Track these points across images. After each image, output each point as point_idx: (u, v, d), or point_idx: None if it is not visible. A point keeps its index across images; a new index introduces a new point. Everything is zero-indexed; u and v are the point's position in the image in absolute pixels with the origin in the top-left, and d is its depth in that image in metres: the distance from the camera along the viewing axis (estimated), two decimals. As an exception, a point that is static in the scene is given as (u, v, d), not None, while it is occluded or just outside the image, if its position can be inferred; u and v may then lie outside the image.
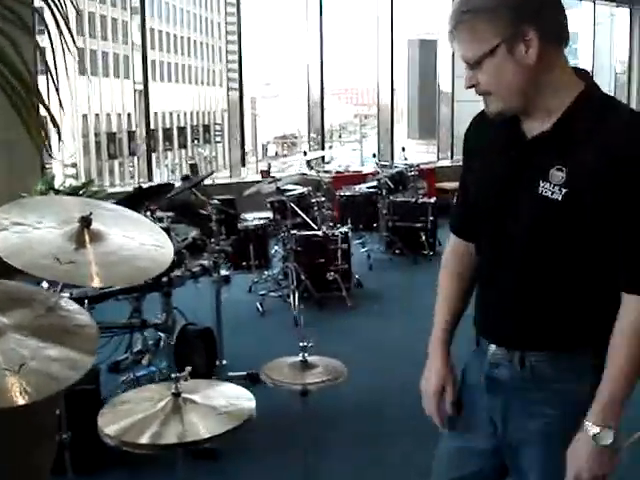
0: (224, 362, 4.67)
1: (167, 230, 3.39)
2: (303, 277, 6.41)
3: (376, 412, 4.30)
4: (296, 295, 6.20)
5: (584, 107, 1.66)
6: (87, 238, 1.97)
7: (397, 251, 8.22)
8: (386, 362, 5.10)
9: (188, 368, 1.91)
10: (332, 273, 6.50)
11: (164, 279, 3.47)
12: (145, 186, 3.84)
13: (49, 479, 2.58)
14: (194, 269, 3.81)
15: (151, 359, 4.21)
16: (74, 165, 13.27)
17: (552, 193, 1.64)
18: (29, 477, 1.93)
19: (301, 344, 2.23)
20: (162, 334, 3.72)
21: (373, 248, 8.29)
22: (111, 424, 1.75)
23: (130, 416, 1.77)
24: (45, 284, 2.94)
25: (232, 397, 1.90)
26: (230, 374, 4.69)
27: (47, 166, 11.21)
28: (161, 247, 2.03)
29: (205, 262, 3.97)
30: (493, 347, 1.83)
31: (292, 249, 6.45)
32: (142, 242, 2.04)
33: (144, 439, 1.67)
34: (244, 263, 6.24)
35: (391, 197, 8.34)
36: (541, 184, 1.66)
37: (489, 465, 1.93)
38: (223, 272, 4.51)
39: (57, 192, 7.21)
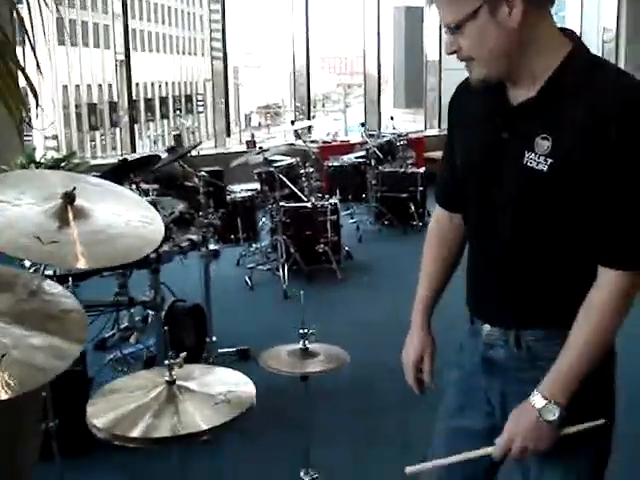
0: (214, 339, 4.56)
1: (154, 204, 3.25)
2: (292, 250, 6.29)
3: (369, 386, 4.22)
4: (285, 268, 6.09)
5: (572, 68, 1.57)
6: (71, 215, 1.84)
7: (386, 222, 8.11)
8: (377, 335, 5.01)
9: (183, 354, 1.79)
10: (322, 245, 6.38)
11: (152, 255, 3.33)
12: (130, 158, 3.69)
13: (36, 467, 2.49)
14: (183, 244, 3.68)
15: (139, 337, 4.10)
16: (55, 137, 13.03)
17: (537, 164, 1.58)
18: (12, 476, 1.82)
19: (301, 331, 2.11)
20: (150, 312, 3.60)
21: (362, 219, 8.18)
22: (101, 415, 1.63)
23: (121, 406, 1.65)
24: (27, 263, 2.81)
25: (230, 383, 1.78)
26: (220, 351, 4.60)
27: (27, 138, 11.00)
28: (149, 223, 1.90)
29: (194, 237, 3.84)
30: (487, 327, 1.77)
31: (280, 221, 6.32)
32: (129, 219, 1.91)
33: (136, 432, 1.55)
34: (232, 236, 6.11)
35: (380, 167, 8.20)
36: (526, 154, 1.59)
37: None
38: (212, 246, 4.39)
39: (38, 165, 7.01)
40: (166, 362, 1.71)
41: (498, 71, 1.60)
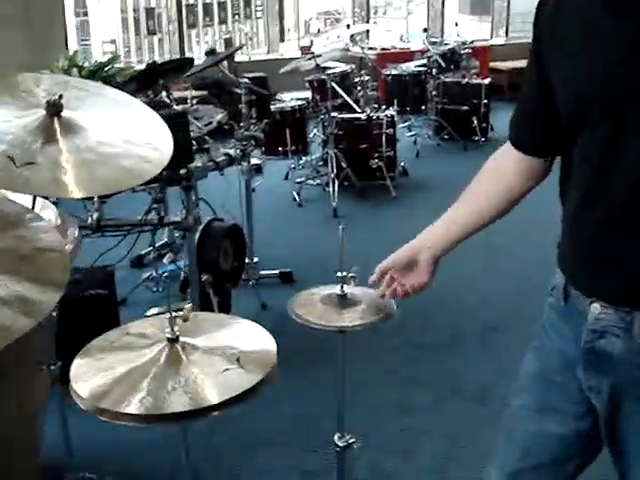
0: (255, 260, 4.28)
1: (183, 114, 2.90)
2: (344, 164, 5.90)
3: (419, 322, 3.87)
4: (336, 184, 5.72)
5: None
6: (57, 130, 1.50)
7: (446, 136, 7.61)
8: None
9: (188, 305, 1.46)
10: (376, 160, 5.98)
11: (182, 171, 3.00)
12: (160, 61, 3.31)
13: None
14: (219, 159, 3.33)
15: (174, 257, 3.81)
16: (113, 42, 12.74)
17: None
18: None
19: (339, 274, 1.75)
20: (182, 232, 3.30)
21: (420, 133, 7.69)
22: (85, 380, 1.33)
23: (111, 369, 1.35)
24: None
25: (246, 341, 1.45)
26: (262, 273, 4.31)
27: (85, 42, 10.73)
28: (154, 144, 1.55)
29: (231, 151, 3.49)
30: (597, 307, 1.33)
31: (332, 133, 5.91)
32: (131, 137, 1.56)
33: (129, 407, 1.25)
34: (280, 148, 5.72)
35: (441, 77, 7.65)
36: None
37: (570, 453, 1.52)
38: (254, 161, 4.03)
39: (80, 69, 6.68)
40: (168, 313, 1.39)
41: None
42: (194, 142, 3.15)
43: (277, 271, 4.34)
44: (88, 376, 1.36)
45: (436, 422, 3.01)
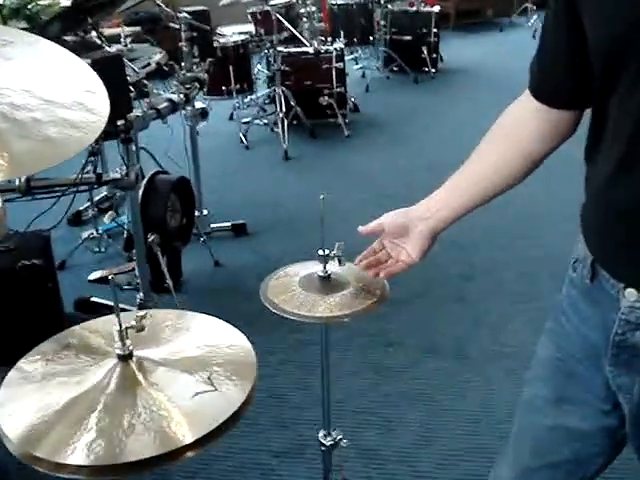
0: (205, 212, 3.95)
1: (118, 57, 2.52)
2: (292, 103, 5.54)
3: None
4: (285, 123, 5.37)
5: None
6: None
7: (395, 68, 7.26)
8: (390, 201, 4.38)
9: (142, 314, 1.14)
10: (326, 97, 5.63)
11: (120, 123, 2.64)
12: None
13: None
14: (160, 106, 2.97)
15: (115, 215, 3.47)
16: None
17: None
18: None
19: (321, 252, 1.45)
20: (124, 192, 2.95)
21: (369, 65, 7.34)
22: (12, 416, 1.02)
23: (47, 400, 1.04)
24: None
25: (216, 347, 1.16)
26: (213, 226, 4.00)
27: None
28: (85, 102, 1.21)
29: (174, 96, 3.12)
30: (633, 294, 1.08)
31: (279, 69, 5.52)
32: (55, 95, 1.22)
33: (73, 455, 0.95)
34: (223, 87, 5.32)
35: (389, 6, 7.27)
36: None
37: (591, 452, 1.30)
38: (198, 104, 3.66)
39: (1, 8, 6.07)
40: (119, 323, 1.08)
41: None
42: (131, 88, 2.78)
43: (229, 223, 4.03)
44: (17, 412, 1.05)
45: (414, 385, 2.79)
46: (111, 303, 3.11)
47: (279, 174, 5.00)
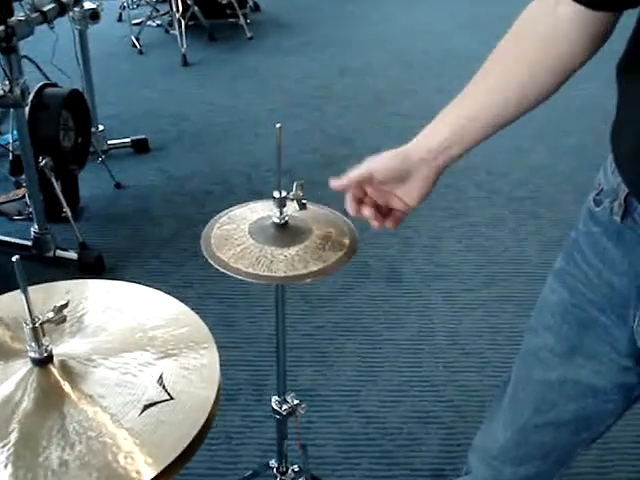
0: (100, 128, 3.54)
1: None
2: (189, 1, 5.06)
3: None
4: (182, 24, 4.91)
5: None
6: None
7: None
8: (303, 110, 4.08)
9: (63, 304, 0.85)
10: (225, -4, 5.18)
11: (0, 29, 2.22)
12: None
13: None
14: (46, 8, 2.53)
15: (-1, 132, 3.04)
16: None
17: None
18: None
19: (277, 194, 1.15)
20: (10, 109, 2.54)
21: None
22: None
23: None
24: None
25: (160, 333, 0.88)
26: (111, 142, 3.60)
27: None
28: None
29: (61, -5, 2.67)
30: None
31: (171, -36, 5.00)
32: None
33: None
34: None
35: None
36: None
37: (603, 410, 1.14)
38: (87, 5, 3.20)
39: None
40: (32, 319, 0.79)
41: None
42: (9, -14, 2.34)
43: (128, 139, 3.64)
44: None
45: (348, 314, 2.59)
46: (0, 237, 2.74)
47: (179, 81, 4.58)
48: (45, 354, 0.82)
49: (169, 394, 0.82)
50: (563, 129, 3.90)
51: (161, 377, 0.84)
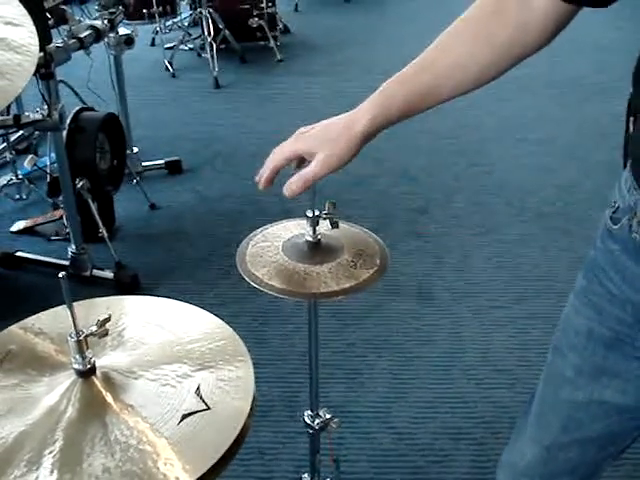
0: (135, 150, 3.62)
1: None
2: (220, 25, 5.15)
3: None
4: (213, 48, 5.00)
5: None
6: None
7: (324, -15, 6.90)
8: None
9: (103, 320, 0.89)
10: (256, 18, 5.26)
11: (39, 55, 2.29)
12: None
13: None
14: (82, 34, 2.61)
15: (36, 159, 3.13)
16: None
17: None
18: None
19: (310, 214, 1.20)
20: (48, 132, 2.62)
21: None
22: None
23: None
24: None
25: (198, 349, 0.92)
26: (145, 164, 3.68)
27: None
28: (9, 37, 0.93)
29: (97, 22, 2.76)
30: None
31: (203, -11, 5.10)
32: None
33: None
34: (145, 11, 4.88)
35: None
36: None
37: (629, 425, 1.14)
38: (122, 31, 3.29)
39: None
40: (76, 334, 0.83)
41: None
42: (48, 15, 2.42)
43: (162, 161, 3.71)
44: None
45: (379, 331, 2.61)
46: (39, 257, 2.81)
47: (211, 104, 4.66)
48: (89, 366, 0.87)
49: (206, 404, 0.86)
50: (592, 146, 3.90)
51: (199, 388, 0.88)
